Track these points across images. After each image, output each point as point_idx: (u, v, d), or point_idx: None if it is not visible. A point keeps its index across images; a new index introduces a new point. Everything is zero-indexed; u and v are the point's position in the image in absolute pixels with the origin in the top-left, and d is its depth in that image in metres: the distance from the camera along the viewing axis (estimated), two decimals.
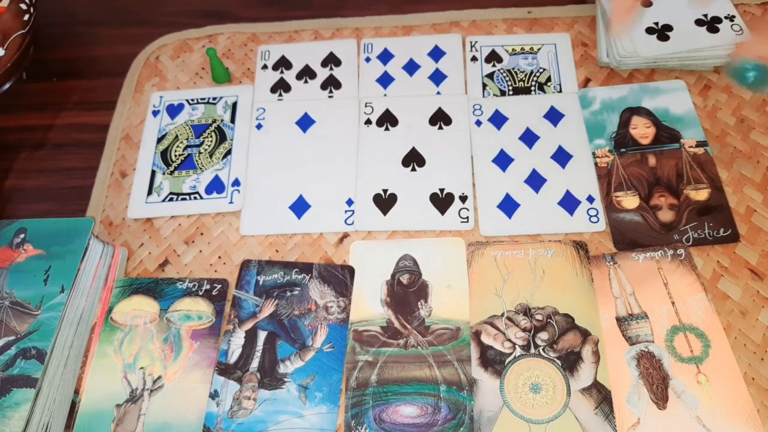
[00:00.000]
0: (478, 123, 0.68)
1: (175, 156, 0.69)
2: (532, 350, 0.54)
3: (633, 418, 0.51)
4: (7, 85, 0.73)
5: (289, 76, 0.74)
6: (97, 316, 0.58)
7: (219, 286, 0.60)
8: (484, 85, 0.71)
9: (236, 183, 0.66)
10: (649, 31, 0.68)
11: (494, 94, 0.70)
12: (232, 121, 0.71)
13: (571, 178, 0.64)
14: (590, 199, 0.62)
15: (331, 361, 0.55)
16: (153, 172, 0.68)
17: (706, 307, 0.55)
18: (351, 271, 0.60)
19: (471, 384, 0.53)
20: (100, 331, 0.57)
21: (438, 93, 0.71)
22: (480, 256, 0.59)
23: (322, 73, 0.74)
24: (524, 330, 0.55)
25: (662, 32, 0.68)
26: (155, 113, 0.72)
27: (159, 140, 0.70)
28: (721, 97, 0.68)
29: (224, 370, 0.55)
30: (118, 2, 0.84)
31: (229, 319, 0.58)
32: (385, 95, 0.71)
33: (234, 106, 0.72)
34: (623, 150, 0.65)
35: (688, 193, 0.61)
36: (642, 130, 0.66)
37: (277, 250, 0.63)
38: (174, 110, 0.72)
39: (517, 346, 0.55)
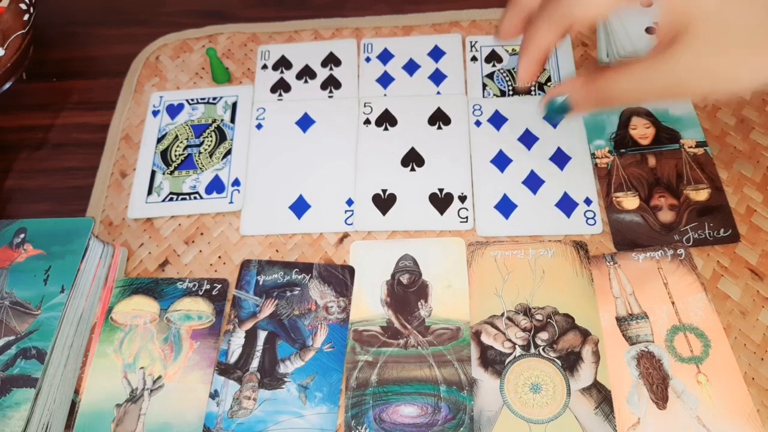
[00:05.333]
0: (478, 123, 0.68)
1: (175, 156, 0.69)
2: (532, 350, 0.54)
3: (633, 418, 0.51)
4: (7, 85, 0.73)
5: (289, 76, 0.74)
6: (97, 316, 0.58)
7: (219, 286, 0.60)
8: (484, 85, 0.71)
9: (236, 183, 0.66)
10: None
11: (494, 94, 0.70)
12: (232, 121, 0.71)
13: (569, 180, 0.64)
14: (588, 202, 0.62)
15: (331, 361, 0.55)
16: (153, 172, 0.68)
17: (706, 307, 0.55)
18: (351, 271, 0.60)
19: (471, 384, 0.53)
20: (100, 331, 0.57)
21: (438, 93, 0.71)
22: (480, 256, 0.59)
23: (322, 73, 0.74)
24: (524, 330, 0.55)
25: None
26: (155, 113, 0.72)
27: (159, 140, 0.70)
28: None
29: (224, 370, 0.55)
30: (118, 2, 0.84)
31: (229, 319, 0.58)
32: (385, 95, 0.71)
33: (234, 106, 0.72)
34: (623, 150, 0.65)
35: (688, 193, 0.61)
36: (642, 131, 0.66)
37: (277, 250, 0.63)
38: (174, 110, 0.72)
39: (517, 346, 0.55)
